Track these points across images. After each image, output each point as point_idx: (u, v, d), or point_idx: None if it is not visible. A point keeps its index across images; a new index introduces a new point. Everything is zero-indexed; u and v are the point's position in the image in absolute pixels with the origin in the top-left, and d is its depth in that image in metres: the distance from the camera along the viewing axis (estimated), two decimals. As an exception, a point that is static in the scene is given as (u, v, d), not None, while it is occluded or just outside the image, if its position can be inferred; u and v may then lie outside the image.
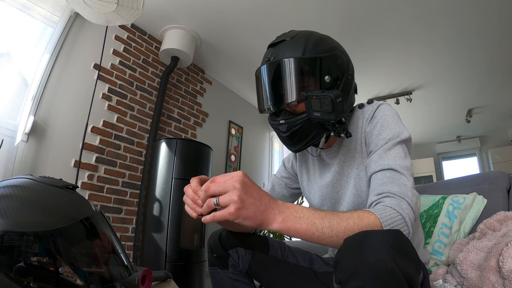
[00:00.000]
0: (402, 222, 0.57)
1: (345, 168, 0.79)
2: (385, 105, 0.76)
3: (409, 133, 0.71)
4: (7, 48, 1.92)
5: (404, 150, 0.69)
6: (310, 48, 0.70)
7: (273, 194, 0.97)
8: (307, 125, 0.70)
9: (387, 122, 0.72)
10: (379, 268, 0.42)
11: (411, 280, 0.43)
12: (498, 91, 3.65)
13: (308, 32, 0.75)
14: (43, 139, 1.91)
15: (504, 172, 1.19)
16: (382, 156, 0.68)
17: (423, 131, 5.02)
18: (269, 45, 0.76)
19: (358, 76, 3.96)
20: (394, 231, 0.49)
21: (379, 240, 0.45)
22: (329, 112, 0.65)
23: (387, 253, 0.43)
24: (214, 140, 3.18)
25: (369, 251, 0.44)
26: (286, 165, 0.98)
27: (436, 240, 1.09)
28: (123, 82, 2.42)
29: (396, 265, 0.42)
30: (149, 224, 1.87)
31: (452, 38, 2.70)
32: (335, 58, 0.72)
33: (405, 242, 0.49)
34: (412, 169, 0.68)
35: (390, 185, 0.63)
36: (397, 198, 0.60)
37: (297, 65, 0.69)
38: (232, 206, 0.50)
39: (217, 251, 0.85)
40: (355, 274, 0.43)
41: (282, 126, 0.72)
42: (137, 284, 0.71)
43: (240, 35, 2.71)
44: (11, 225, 0.51)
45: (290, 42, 0.72)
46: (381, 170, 0.66)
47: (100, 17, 1.86)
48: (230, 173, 0.53)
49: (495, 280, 0.73)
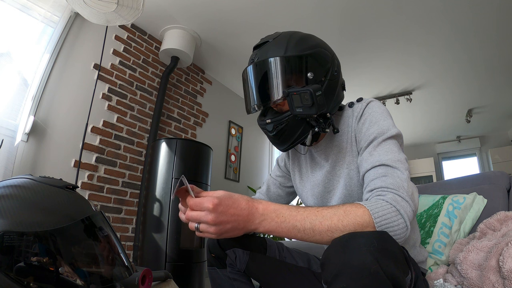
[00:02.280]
0: (397, 215, 0.55)
1: (336, 167, 0.79)
2: (374, 102, 0.76)
3: (399, 129, 0.71)
4: (7, 48, 1.92)
5: (396, 144, 0.68)
6: (292, 47, 0.71)
7: (269, 194, 0.98)
8: (292, 123, 0.71)
9: (376, 119, 0.71)
10: (362, 270, 0.42)
11: (397, 282, 0.44)
12: (498, 91, 3.65)
13: (291, 32, 0.76)
14: (43, 139, 1.91)
15: (504, 172, 1.19)
16: (372, 153, 0.67)
17: (423, 131, 5.02)
18: (254, 47, 0.78)
19: (358, 76, 3.96)
20: (380, 233, 0.50)
21: (363, 242, 0.46)
22: (309, 107, 0.66)
23: (370, 255, 0.43)
24: (214, 140, 3.18)
25: (353, 253, 0.45)
26: (280, 164, 0.99)
27: (436, 239, 1.09)
28: (123, 82, 2.42)
29: (380, 267, 0.43)
30: (149, 224, 1.86)
31: (452, 38, 2.70)
32: (318, 55, 0.72)
33: (391, 243, 0.49)
34: (406, 163, 0.66)
35: (383, 179, 0.61)
36: (390, 191, 0.58)
37: (280, 63, 0.70)
38: (211, 229, 0.54)
39: (215, 251, 0.86)
40: (339, 276, 0.43)
41: (268, 126, 0.74)
42: (137, 284, 0.71)
43: (240, 35, 2.71)
44: (11, 225, 0.51)
45: (272, 42, 0.73)
46: (372, 167, 0.65)
47: (100, 17, 1.86)
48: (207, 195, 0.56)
49: (495, 279, 0.73)
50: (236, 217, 0.55)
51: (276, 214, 0.55)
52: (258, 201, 0.58)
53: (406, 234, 0.56)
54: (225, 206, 0.54)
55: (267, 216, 0.56)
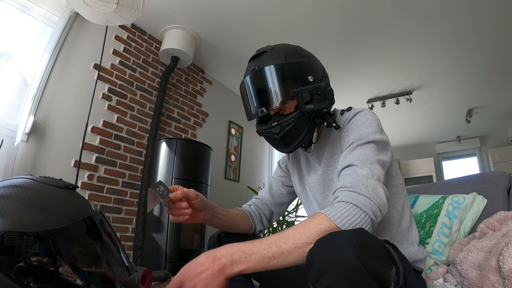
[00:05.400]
0: (354, 209, 0.57)
1: (328, 172, 0.83)
2: (361, 112, 0.78)
3: (383, 136, 0.73)
4: (7, 48, 1.92)
5: (372, 148, 0.69)
6: (291, 55, 0.78)
7: (272, 192, 1.01)
8: (299, 122, 0.76)
9: (357, 126, 0.74)
10: (344, 267, 0.43)
11: (379, 276, 0.45)
12: (498, 91, 3.65)
13: (286, 44, 0.83)
14: (43, 139, 1.91)
15: (504, 172, 1.19)
16: (346, 156, 0.70)
17: (423, 131, 5.02)
18: (251, 59, 0.82)
19: (358, 77, 3.97)
20: (358, 230, 0.51)
21: (342, 241, 0.47)
22: (322, 100, 0.72)
23: (351, 252, 0.44)
24: (214, 140, 3.18)
25: (334, 252, 0.46)
26: (281, 165, 1.03)
27: (436, 239, 1.09)
28: (123, 82, 2.42)
29: (361, 263, 0.43)
30: (149, 224, 1.87)
31: (451, 39, 2.70)
32: (314, 61, 0.81)
33: (370, 239, 0.50)
34: (377, 163, 0.66)
35: (344, 179, 0.64)
36: (345, 190, 0.61)
37: (282, 69, 0.76)
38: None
39: None
40: (323, 275, 0.44)
41: (275, 128, 0.77)
42: (137, 284, 0.71)
43: (240, 35, 2.71)
44: (11, 225, 0.51)
45: (270, 52, 0.79)
46: (342, 169, 0.68)
47: (100, 17, 1.86)
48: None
49: (495, 280, 0.73)
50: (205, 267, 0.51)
51: (243, 250, 0.53)
52: (219, 248, 0.54)
53: (373, 226, 0.59)
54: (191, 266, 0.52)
55: (235, 254, 0.53)
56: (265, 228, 0.99)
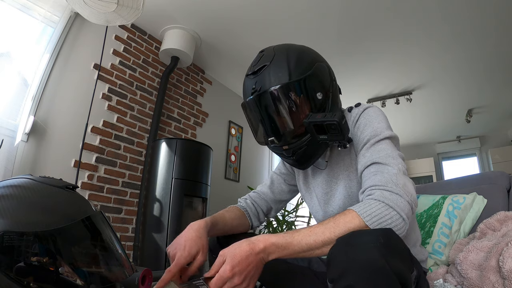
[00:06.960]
0: (387, 209, 0.56)
1: (335, 169, 0.81)
2: (371, 108, 0.77)
3: (394, 132, 0.72)
4: (7, 48, 1.92)
5: (389, 144, 0.69)
6: (294, 68, 0.69)
7: (272, 188, 0.99)
8: (311, 146, 0.73)
9: (370, 122, 0.72)
10: (369, 266, 0.42)
11: (403, 278, 0.44)
12: (498, 91, 3.65)
13: (285, 48, 0.73)
14: (43, 139, 1.91)
15: (504, 172, 1.19)
16: (365, 154, 0.68)
17: (423, 131, 5.02)
18: (249, 73, 0.74)
19: (358, 77, 3.96)
20: (384, 230, 0.50)
21: (368, 239, 0.46)
22: (337, 134, 0.66)
23: (377, 251, 0.44)
24: (214, 140, 3.18)
25: (358, 250, 0.45)
26: (286, 163, 1.00)
27: (436, 240, 1.09)
28: (123, 82, 2.42)
29: (387, 263, 0.43)
30: (149, 224, 1.87)
31: (451, 39, 2.70)
32: (319, 71, 0.72)
33: (396, 240, 0.49)
34: (399, 158, 0.66)
35: (372, 178, 0.62)
36: (378, 188, 0.59)
37: (287, 91, 0.69)
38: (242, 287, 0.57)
39: (216, 252, 0.86)
40: (345, 273, 0.43)
41: (286, 151, 0.74)
42: (137, 284, 0.71)
43: (240, 34, 2.71)
44: (11, 225, 0.51)
45: (271, 66, 0.70)
46: (365, 167, 0.66)
47: (100, 17, 1.86)
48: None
49: (495, 280, 0.73)
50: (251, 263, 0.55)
51: (276, 245, 0.57)
52: (256, 239, 0.57)
53: (405, 227, 0.57)
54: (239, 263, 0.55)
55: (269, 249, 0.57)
56: (261, 223, 0.99)
